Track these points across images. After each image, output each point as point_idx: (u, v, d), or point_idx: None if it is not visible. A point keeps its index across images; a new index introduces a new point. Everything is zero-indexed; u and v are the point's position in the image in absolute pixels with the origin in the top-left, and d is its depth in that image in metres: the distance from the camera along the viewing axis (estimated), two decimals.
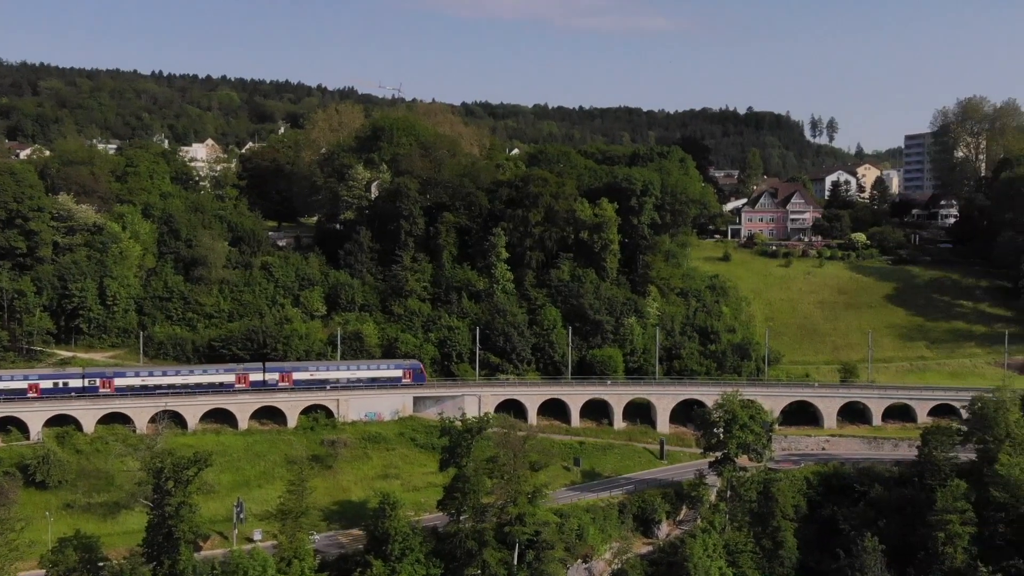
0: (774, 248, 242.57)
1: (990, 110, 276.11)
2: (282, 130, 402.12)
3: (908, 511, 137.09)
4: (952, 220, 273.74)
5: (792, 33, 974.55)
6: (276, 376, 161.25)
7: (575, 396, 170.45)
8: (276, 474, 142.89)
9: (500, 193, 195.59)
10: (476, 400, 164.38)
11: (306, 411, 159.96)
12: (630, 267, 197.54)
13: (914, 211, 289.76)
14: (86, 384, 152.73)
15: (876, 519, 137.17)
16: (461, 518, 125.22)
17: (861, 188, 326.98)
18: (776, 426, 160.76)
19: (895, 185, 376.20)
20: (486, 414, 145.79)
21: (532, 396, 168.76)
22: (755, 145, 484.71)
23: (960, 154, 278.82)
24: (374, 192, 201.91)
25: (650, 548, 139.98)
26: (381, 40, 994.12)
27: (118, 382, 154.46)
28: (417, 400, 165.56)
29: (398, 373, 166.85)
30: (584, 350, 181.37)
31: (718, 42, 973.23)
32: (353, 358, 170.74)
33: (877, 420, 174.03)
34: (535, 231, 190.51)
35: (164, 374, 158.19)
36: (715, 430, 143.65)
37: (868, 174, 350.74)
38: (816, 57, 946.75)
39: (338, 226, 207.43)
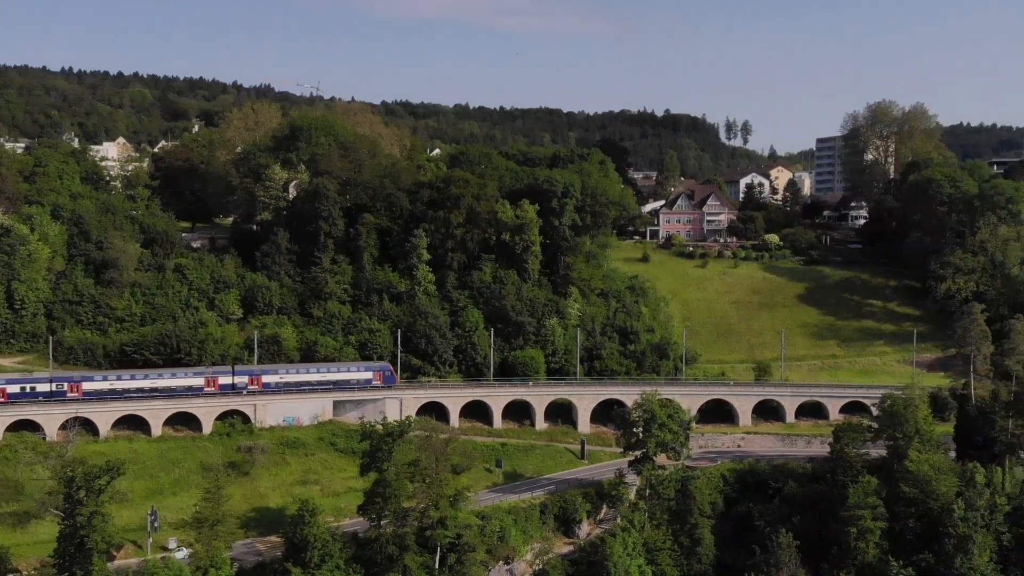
0: (691, 249, 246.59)
1: (899, 114, 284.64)
2: (196, 128, 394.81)
3: (821, 507, 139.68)
4: (862, 221, 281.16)
5: (707, 37, 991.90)
6: (245, 379, 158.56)
7: (497, 397, 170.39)
8: (191, 481, 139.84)
9: (421, 194, 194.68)
10: (397, 403, 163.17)
11: (222, 416, 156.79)
12: (551, 268, 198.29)
13: (825, 212, 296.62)
14: (53, 388, 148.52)
15: (790, 515, 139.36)
16: (382, 523, 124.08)
17: (774, 190, 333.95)
18: (693, 424, 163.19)
19: (807, 187, 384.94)
20: (408, 417, 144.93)
21: (454, 398, 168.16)
22: (672, 147, 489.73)
23: (870, 157, 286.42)
24: (292, 193, 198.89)
25: (571, 548, 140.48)
26: (299, 36, 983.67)
27: (86, 386, 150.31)
28: (337, 404, 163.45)
29: (368, 375, 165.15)
30: (506, 351, 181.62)
31: (635, 45, 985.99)
32: (270, 361, 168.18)
33: (791, 418, 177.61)
34: (457, 232, 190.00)
35: (132, 378, 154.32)
36: (634, 429, 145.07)
37: (781, 176, 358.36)
38: (731, 60, 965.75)
39: (255, 227, 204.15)
